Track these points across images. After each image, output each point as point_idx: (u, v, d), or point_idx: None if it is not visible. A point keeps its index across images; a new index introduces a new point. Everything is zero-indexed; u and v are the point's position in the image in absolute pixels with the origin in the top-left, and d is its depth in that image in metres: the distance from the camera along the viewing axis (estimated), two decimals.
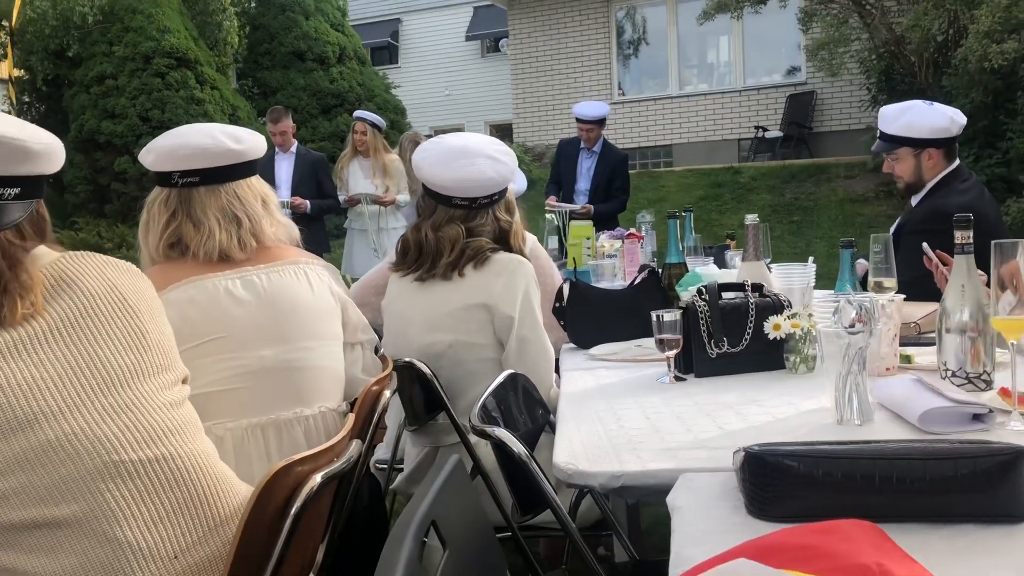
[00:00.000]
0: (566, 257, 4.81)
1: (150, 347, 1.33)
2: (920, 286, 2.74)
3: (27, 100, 13.79)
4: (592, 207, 5.97)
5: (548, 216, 5.19)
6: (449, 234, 2.21)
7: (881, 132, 3.19)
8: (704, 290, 2.11)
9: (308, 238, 6.37)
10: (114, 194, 10.85)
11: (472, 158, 2.21)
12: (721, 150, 13.60)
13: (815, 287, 2.89)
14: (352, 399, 1.87)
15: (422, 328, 2.21)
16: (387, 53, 20.55)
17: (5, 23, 12.12)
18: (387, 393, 1.73)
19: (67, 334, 1.24)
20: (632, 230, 4.60)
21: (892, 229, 3.24)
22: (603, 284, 3.42)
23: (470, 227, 2.23)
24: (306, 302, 1.84)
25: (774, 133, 12.81)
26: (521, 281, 2.16)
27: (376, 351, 2.09)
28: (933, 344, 1.92)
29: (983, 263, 2.82)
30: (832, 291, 2.91)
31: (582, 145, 6.21)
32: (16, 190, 1.26)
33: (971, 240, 1.75)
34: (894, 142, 3.14)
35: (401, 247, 2.30)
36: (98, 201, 11.08)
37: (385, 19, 20.24)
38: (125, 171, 10.65)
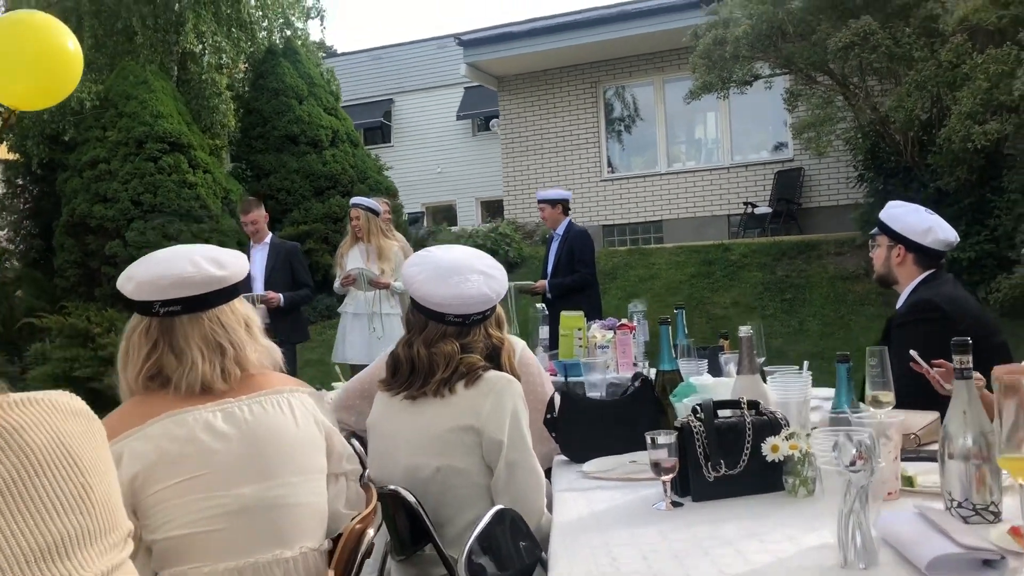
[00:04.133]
0: (557, 347, 4.78)
1: (94, 506, 1.19)
2: (914, 385, 2.70)
3: (20, 183, 13.89)
4: (545, 283, 6.30)
5: (538, 306, 5.16)
6: (444, 350, 2.16)
7: (879, 217, 3.27)
8: (699, 409, 2.06)
9: (285, 328, 6.34)
10: (104, 277, 10.81)
11: (465, 275, 2.19)
12: (711, 226, 13.70)
13: (812, 383, 2.85)
14: (335, 535, 1.80)
15: (409, 451, 2.15)
16: (380, 132, 20.84)
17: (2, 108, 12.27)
18: (371, 532, 1.67)
19: (7, 498, 1.15)
20: (624, 321, 4.56)
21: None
22: (595, 376, 3.36)
23: (463, 343, 2.19)
24: (289, 434, 1.78)
25: (763, 209, 12.92)
26: (509, 402, 2.11)
27: (361, 477, 2.02)
28: (934, 459, 1.86)
29: (975, 352, 2.80)
30: (827, 389, 2.90)
31: (551, 233, 6.54)
32: None
33: (971, 365, 1.71)
34: (880, 227, 3.20)
35: (392, 364, 2.25)
36: (88, 285, 11.04)
37: (378, 99, 20.58)
38: (116, 255, 10.63)
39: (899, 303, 3.20)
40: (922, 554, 1.41)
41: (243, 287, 5.98)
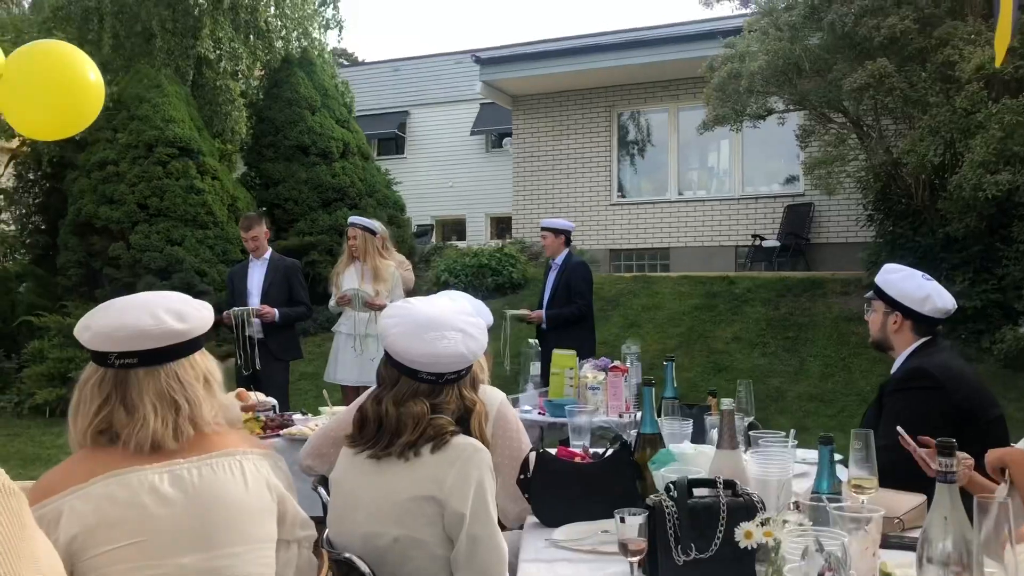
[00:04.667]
0: (547, 385, 4.72)
1: None
2: (903, 456, 2.63)
3: (31, 178, 13.93)
4: (541, 313, 6.24)
5: (531, 341, 5.10)
6: (413, 411, 2.09)
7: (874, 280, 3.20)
8: (673, 487, 1.98)
9: (279, 345, 6.31)
10: (106, 279, 10.81)
11: (443, 331, 2.11)
12: (718, 256, 13.62)
13: (801, 441, 2.77)
14: None
15: (368, 515, 2.07)
16: (394, 144, 20.86)
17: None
18: None
19: None
20: (616, 362, 4.48)
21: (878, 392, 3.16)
22: (581, 420, 3.28)
23: (434, 403, 2.11)
24: (238, 500, 1.71)
25: (771, 242, 12.83)
26: (475, 472, 2.02)
27: (318, 540, 1.95)
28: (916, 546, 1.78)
29: (970, 425, 2.71)
30: (814, 451, 2.82)
31: (550, 261, 6.48)
32: None
33: (954, 468, 1.63)
34: (876, 291, 3.14)
35: (359, 420, 2.18)
36: (89, 285, 11.03)
37: (394, 111, 20.61)
38: (119, 256, 10.63)
39: (894, 369, 3.12)
40: None
41: (236, 275, 5.87)
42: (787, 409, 7.99)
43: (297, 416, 4.58)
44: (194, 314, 1.80)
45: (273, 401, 4.84)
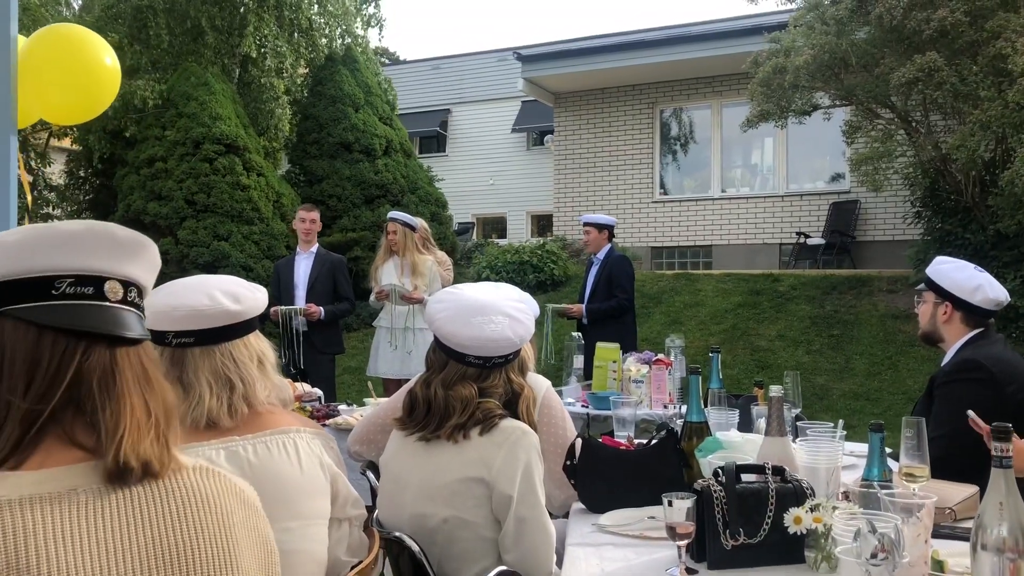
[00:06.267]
0: (591, 377, 4.71)
1: None
2: (958, 453, 2.60)
3: (82, 175, 14.24)
4: (582, 307, 6.19)
5: (574, 335, 5.10)
6: (461, 394, 2.11)
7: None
8: (721, 472, 1.97)
9: (323, 339, 6.43)
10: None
11: (490, 315, 2.14)
12: (762, 254, 13.49)
13: (847, 438, 2.74)
14: None
15: (417, 496, 2.09)
16: (435, 142, 20.97)
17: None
18: None
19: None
20: (660, 356, 4.47)
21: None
22: (625, 412, 3.27)
23: (482, 387, 2.14)
24: (292, 478, 1.74)
25: (816, 240, 12.67)
26: (522, 455, 2.04)
27: (368, 519, 1.98)
28: (968, 537, 1.76)
29: (1018, 415, 2.66)
30: (863, 445, 2.79)
31: (592, 257, 6.45)
32: None
33: (1011, 454, 1.60)
34: (926, 283, 3.11)
35: (408, 403, 2.20)
36: None
37: (436, 109, 20.71)
38: (167, 252, 10.80)
39: (944, 361, 3.08)
40: None
41: (282, 268, 5.96)
42: (832, 407, 7.89)
43: (342, 407, 4.63)
44: (248, 296, 1.83)
45: (319, 392, 4.91)
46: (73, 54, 3.87)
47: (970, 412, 2.53)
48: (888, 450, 2.35)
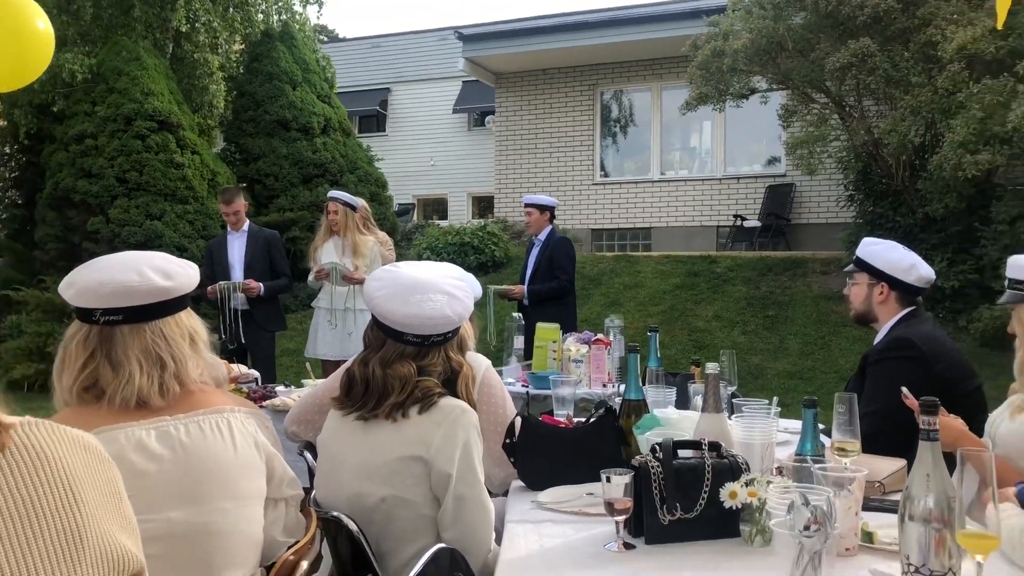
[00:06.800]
0: (531, 358, 4.73)
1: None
2: (888, 429, 2.66)
3: (7, 151, 13.73)
4: (523, 288, 6.21)
5: (515, 315, 5.10)
6: (400, 372, 2.09)
7: (856, 253, 3.20)
8: (659, 448, 1.99)
9: (264, 317, 6.33)
10: (85, 253, 10.67)
11: (429, 293, 2.11)
12: (700, 236, 13.67)
13: (781, 415, 2.79)
14: (270, 562, 1.73)
15: (355, 476, 2.07)
16: (375, 121, 20.74)
17: None
18: (304, 564, 1.60)
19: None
20: (599, 335, 4.50)
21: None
22: (564, 392, 3.29)
23: (421, 366, 2.11)
24: (226, 458, 1.70)
25: (752, 222, 12.89)
26: (461, 434, 2.03)
27: (304, 499, 1.95)
28: (896, 509, 1.80)
29: (949, 395, 2.74)
30: (797, 421, 2.85)
31: (533, 238, 6.46)
32: None
33: (937, 427, 1.65)
34: (858, 265, 3.14)
35: (346, 382, 2.17)
36: (67, 259, 10.89)
37: (375, 88, 20.47)
38: (98, 231, 10.52)
39: (877, 339, 3.15)
40: None
41: (215, 249, 5.85)
42: (767, 386, 8.05)
43: (280, 388, 4.57)
44: (180, 272, 1.78)
45: (255, 373, 4.84)
46: (2, 17, 3.70)
47: (904, 389, 2.60)
48: (821, 426, 2.40)
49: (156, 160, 10.64)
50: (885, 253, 3.08)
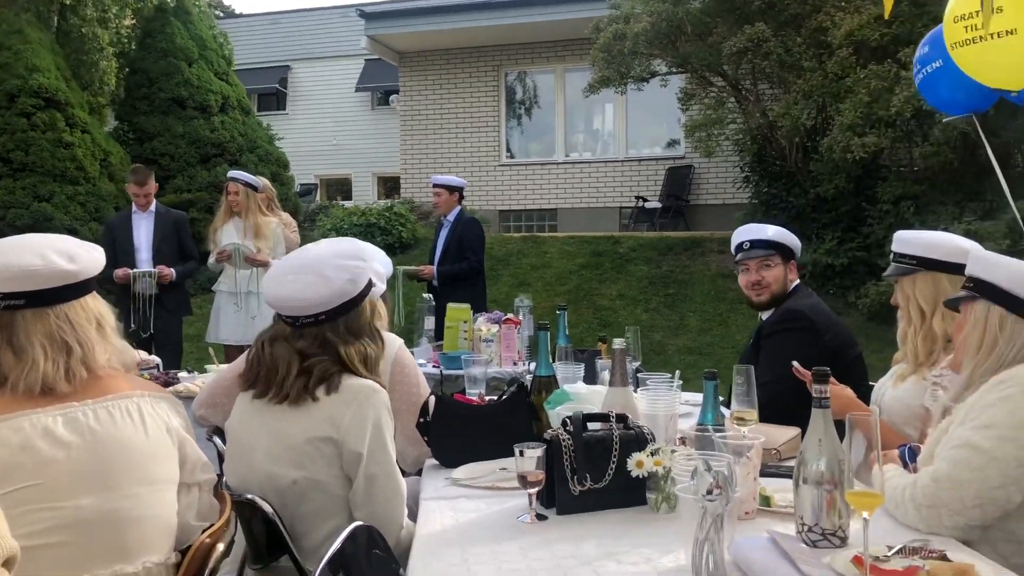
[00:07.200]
0: (442, 338, 4.75)
1: None
2: (782, 393, 2.78)
3: None
4: (432, 268, 6.20)
5: (425, 296, 5.12)
6: (279, 351, 2.11)
7: (755, 240, 3.28)
8: (569, 421, 2.06)
9: (172, 302, 6.12)
10: None
11: (301, 275, 2.11)
12: (604, 217, 13.88)
13: (682, 389, 2.89)
14: (184, 546, 1.72)
15: (265, 459, 2.06)
16: (275, 99, 20.26)
17: None
18: (220, 546, 1.60)
19: None
20: (509, 315, 4.56)
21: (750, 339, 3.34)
22: (476, 371, 3.33)
23: (298, 348, 2.10)
24: (137, 443, 1.68)
25: (653, 203, 13.17)
26: (371, 413, 2.04)
27: (217, 484, 1.94)
28: (791, 475, 1.91)
29: (837, 362, 2.89)
30: (698, 394, 2.97)
31: (442, 219, 6.45)
32: None
33: (828, 395, 1.76)
34: (771, 247, 3.23)
35: (249, 364, 2.18)
36: None
37: (275, 65, 19.98)
38: None
39: (767, 313, 3.29)
40: None
41: (120, 227, 5.61)
42: (668, 362, 8.29)
43: (183, 374, 4.47)
44: (85, 255, 1.75)
45: (157, 359, 4.72)
46: None
47: (794, 362, 2.74)
48: (720, 398, 2.51)
49: (43, 139, 10.17)
50: (788, 234, 3.26)
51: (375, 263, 2.39)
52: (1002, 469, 1.80)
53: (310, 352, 2.09)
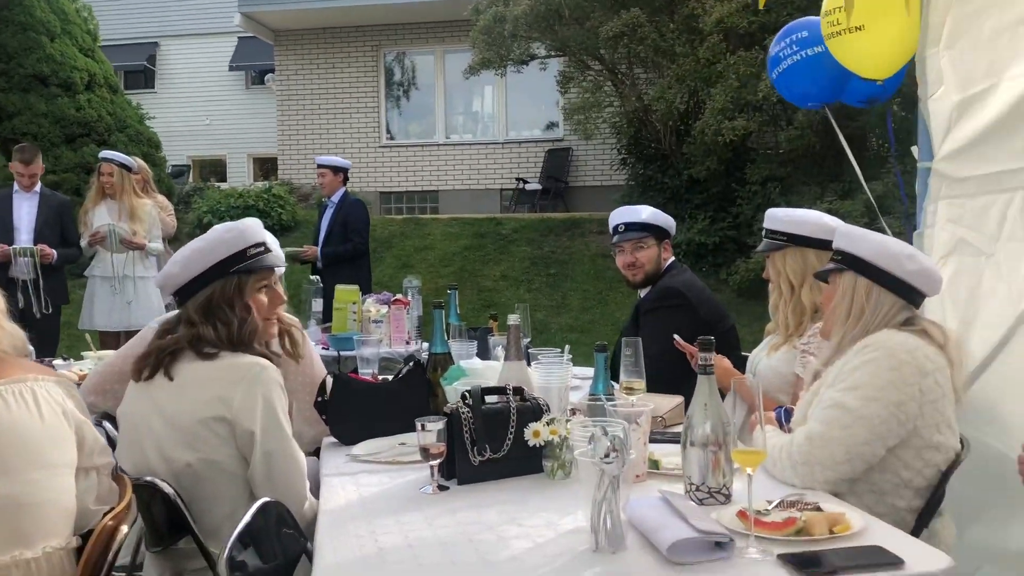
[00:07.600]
0: (330, 320, 4.73)
1: None
2: (664, 366, 2.93)
3: None
4: (316, 249, 6.22)
5: (312, 278, 5.08)
6: (163, 331, 2.18)
7: (629, 223, 3.42)
8: (468, 395, 2.13)
9: (50, 289, 5.81)
10: None
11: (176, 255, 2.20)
12: (485, 199, 13.98)
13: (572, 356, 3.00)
14: (84, 531, 1.70)
15: (158, 442, 2.04)
16: (143, 77, 19.41)
17: None
18: (124, 528, 1.59)
19: None
20: (398, 296, 4.59)
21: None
22: (368, 351, 3.36)
23: (164, 327, 2.19)
24: (33, 428, 1.65)
25: (534, 185, 13.35)
26: (261, 389, 2.03)
27: (114, 468, 1.91)
28: (678, 440, 2.03)
29: (708, 332, 3.07)
30: (586, 368, 3.09)
31: (325, 200, 6.48)
32: None
33: (712, 362, 1.88)
34: (644, 230, 3.38)
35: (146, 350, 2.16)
36: None
37: (141, 42, 19.11)
38: None
39: (645, 291, 3.45)
40: (664, 538, 1.56)
41: None
42: (551, 340, 8.46)
43: (58, 362, 4.30)
44: None
45: (30, 348, 4.51)
46: None
47: (676, 336, 2.89)
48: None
49: None
50: (662, 215, 3.41)
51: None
52: (868, 426, 1.98)
53: (172, 330, 2.15)
